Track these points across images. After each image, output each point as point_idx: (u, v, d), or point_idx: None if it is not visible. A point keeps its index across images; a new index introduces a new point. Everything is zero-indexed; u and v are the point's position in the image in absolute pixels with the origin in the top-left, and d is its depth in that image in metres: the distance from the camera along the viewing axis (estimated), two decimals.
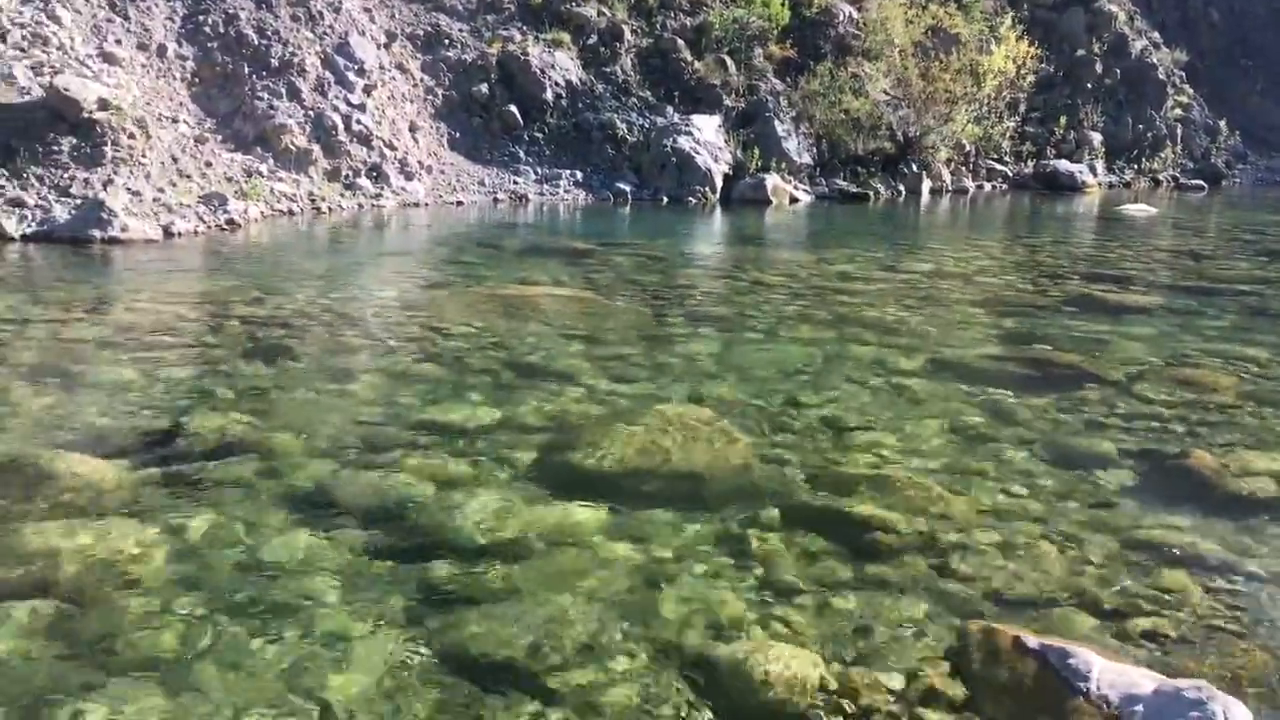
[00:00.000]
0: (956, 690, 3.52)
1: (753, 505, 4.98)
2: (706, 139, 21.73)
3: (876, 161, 24.07)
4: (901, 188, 23.95)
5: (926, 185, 24.34)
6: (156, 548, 4.29)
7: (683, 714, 3.31)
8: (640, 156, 21.59)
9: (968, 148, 26.17)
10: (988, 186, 26.50)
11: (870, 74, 24.16)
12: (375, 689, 3.40)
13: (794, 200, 21.80)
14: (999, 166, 27.18)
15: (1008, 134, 27.10)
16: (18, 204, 13.47)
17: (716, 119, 22.36)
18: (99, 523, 4.48)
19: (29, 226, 13.00)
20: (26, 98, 14.52)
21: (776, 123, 22.76)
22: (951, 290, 11.52)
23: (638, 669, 3.54)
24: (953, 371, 7.62)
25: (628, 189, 20.93)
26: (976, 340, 8.90)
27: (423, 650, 3.64)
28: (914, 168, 24.37)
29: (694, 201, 20.68)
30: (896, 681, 3.55)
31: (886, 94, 24.21)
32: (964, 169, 26.24)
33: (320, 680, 3.43)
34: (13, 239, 12.68)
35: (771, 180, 21.54)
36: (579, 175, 21.11)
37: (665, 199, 20.69)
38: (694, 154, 21.31)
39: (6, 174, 13.83)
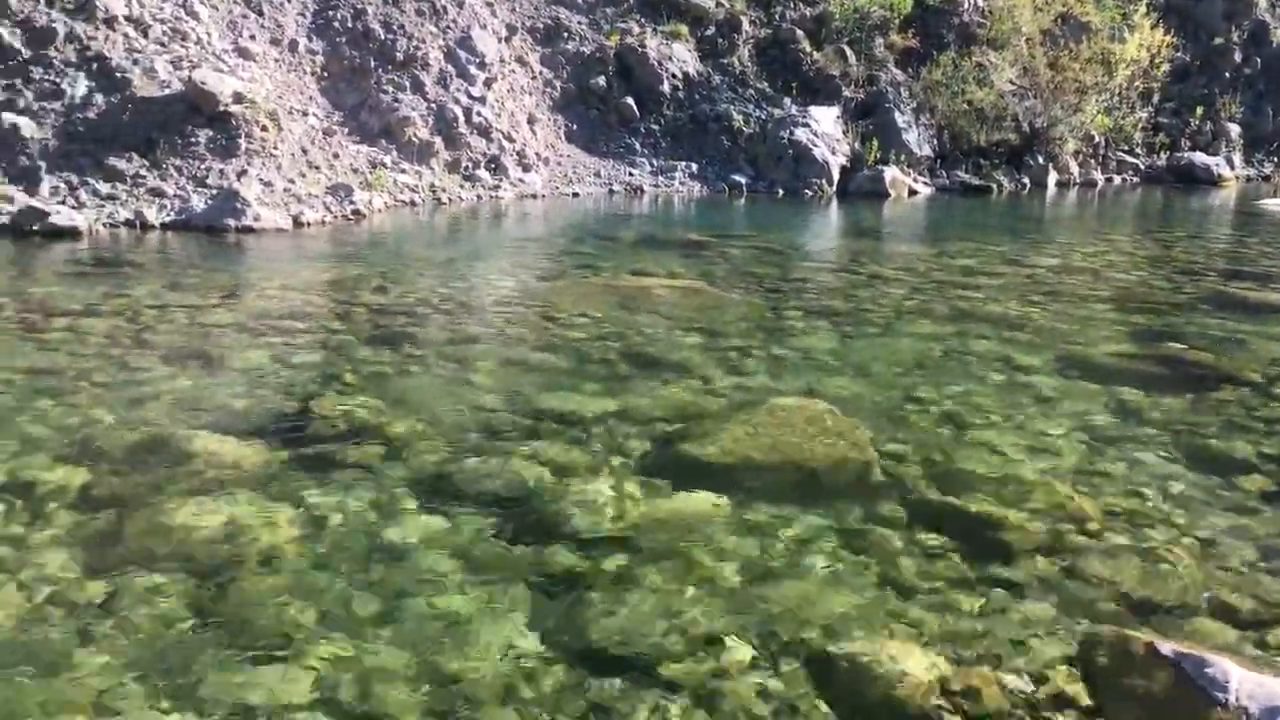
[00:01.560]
0: (1084, 696, 3.41)
1: (871, 501, 4.91)
2: (824, 130, 21.47)
3: (1000, 153, 23.45)
4: (1026, 180, 23.29)
5: (1053, 178, 23.63)
6: (288, 526, 4.44)
7: (800, 709, 3.28)
8: (756, 148, 21.45)
9: (1097, 139, 25.32)
10: (1117, 179, 25.58)
11: (996, 63, 23.52)
12: (494, 672, 3.45)
13: (913, 193, 21.40)
14: (1130, 159, 26.21)
15: (1140, 125, 26.11)
16: (158, 194, 14.07)
17: (835, 110, 22.07)
18: (234, 500, 4.65)
19: (168, 215, 13.58)
20: (166, 91, 15.13)
21: (897, 114, 22.35)
22: (1079, 285, 11.16)
23: (754, 662, 3.53)
24: (1080, 369, 7.39)
25: (743, 181, 20.81)
26: (1105, 337, 8.61)
27: (541, 636, 3.69)
28: (1040, 160, 23.67)
29: (810, 194, 20.46)
30: (1021, 684, 3.46)
31: (1012, 84, 23.54)
32: (1093, 161, 25.40)
33: (443, 661, 3.50)
34: (153, 227, 13.26)
35: (890, 172, 21.17)
36: (694, 167, 21.08)
37: (781, 191, 20.51)
38: (811, 146, 21.08)
39: (148, 165, 14.45)
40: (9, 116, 14.13)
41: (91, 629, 3.61)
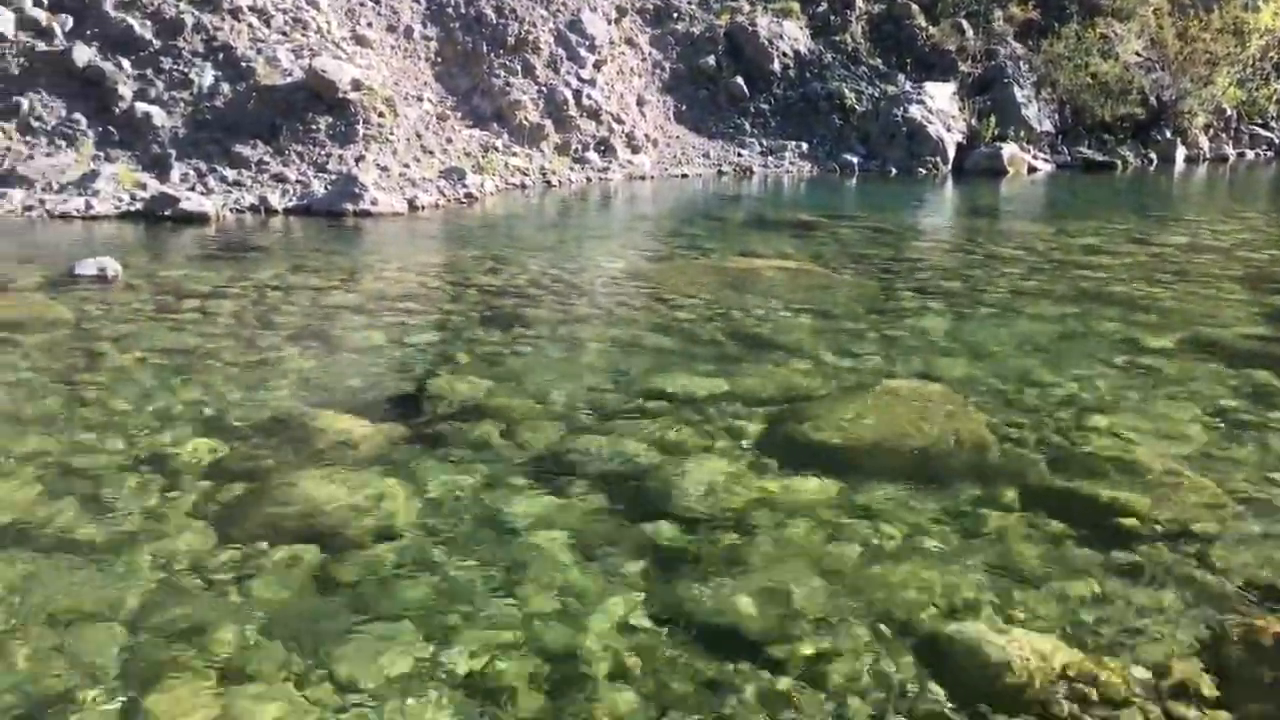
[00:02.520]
0: (1210, 686, 3.30)
1: (988, 485, 4.81)
2: (939, 107, 21.02)
3: (1125, 128, 22.65)
4: (1153, 155, 22.45)
5: (1181, 153, 22.73)
6: (406, 502, 4.56)
7: (912, 692, 3.25)
8: (868, 127, 21.12)
9: (1228, 112, 24.25)
10: (1251, 154, 24.47)
11: (1121, 35, 22.69)
12: (606, 647, 3.49)
13: (1032, 170, 20.83)
14: (1264, 133, 25.03)
15: (1275, 98, 24.90)
16: (280, 179, 14.53)
17: (950, 86, 21.58)
18: (355, 476, 4.80)
19: (290, 200, 14.00)
20: (289, 80, 15.58)
21: (1016, 88, 21.75)
22: (1209, 265, 10.73)
23: (866, 644, 3.50)
24: (1209, 351, 7.11)
25: (854, 160, 20.52)
26: (1237, 319, 8.26)
27: (651, 613, 3.72)
28: (1167, 134, 22.79)
29: (924, 172, 20.07)
30: (1143, 673, 3.36)
31: (1139, 55, 22.69)
32: (1224, 135, 24.34)
33: (556, 635, 3.56)
34: (276, 212, 13.69)
35: (1008, 149, 20.64)
36: (804, 147, 20.86)
37: (893, 170, 20.17)
38: (925, 123, 20.67)
39: (271, 151, 14.92)
40: (141, 106, 14.73)
41: (224, 598, 3.77)
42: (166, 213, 12.91)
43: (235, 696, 3.19)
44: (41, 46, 14.91)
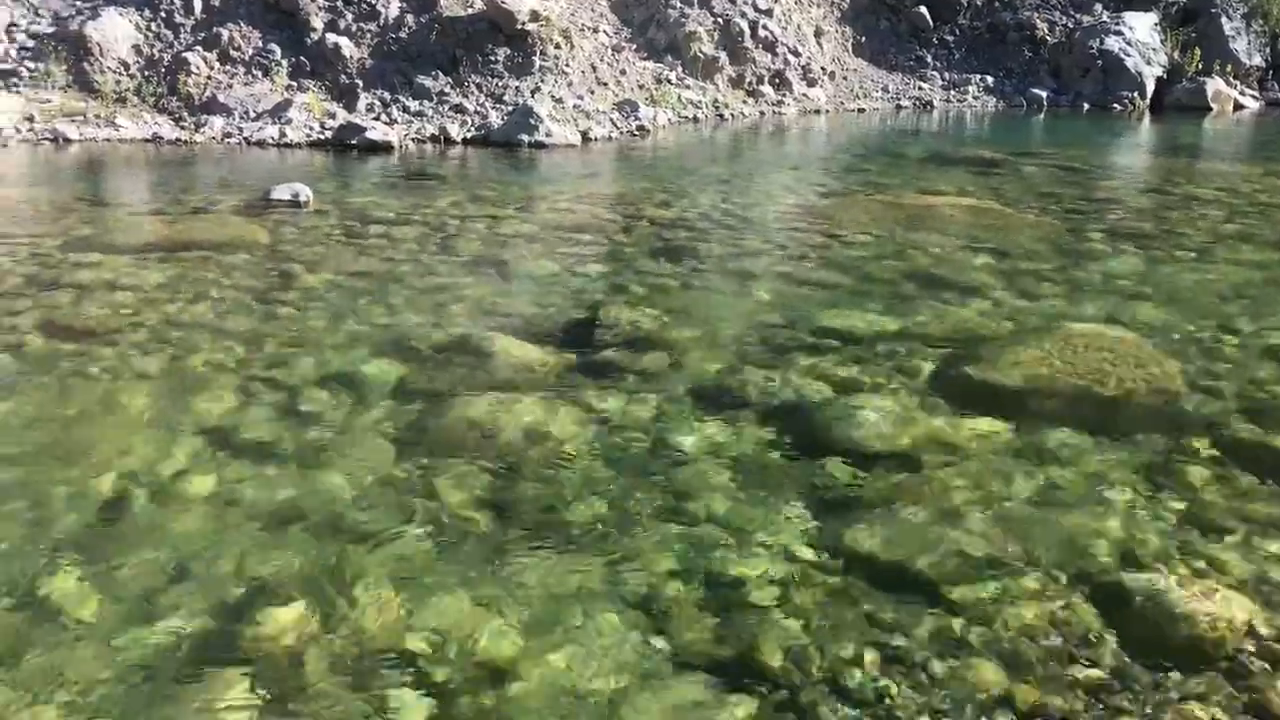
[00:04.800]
0: None
1: (1177, 434, 4.58)
2: (1138, 39, 19.80)
3: None
4: None
5: None
6: (578, 427, 4.66)
7: (1090, 639, 3.15)
8: (1060, 59, 20.08)
9: None
10: None
11: None
12: (771, 578, 3.51)
13: (1239, 107, 19.45)
14: None
15: None
16: (460, 110, 14.86)
17: (1152, 17, 20.27)
18: (530, 399, 4.93)
19: (469, 131, 14.33)
20: (470, 10, 15.85)
21: (1224, 20, 20.26)
22: None
23: (1041, 589, 3.41)
24: None
25: (1043, 94, 19.58)
26: None
27: (818, 546, 3.71)
28: None
29: (1119, 108, 19.01)
30: None
31: None
32: None
33: (721, 563, 3.60)
34: (455, 143, 14.04)
35: (1213, 85, 19.32)
36: (989, 80, 20.02)
37: (1086, 105, 19.18)
38: (1123, 55, 19.51)
39: (451, 82, 15.26)
40: (331, 37, 15.26)
41: (406, 510, 3.95)
42: (353, 141, 13.40)
43: (415, 604, 3.34)
44: None
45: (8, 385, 5.09)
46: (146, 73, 14.73)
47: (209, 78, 14.74)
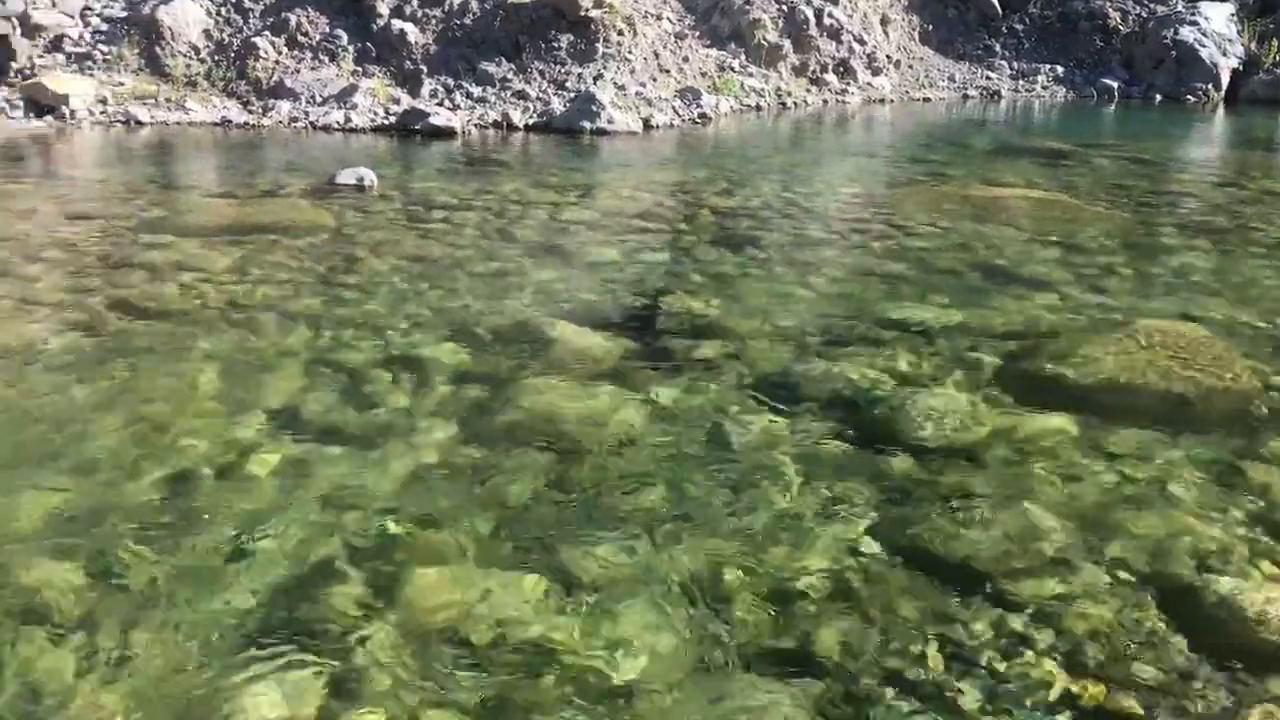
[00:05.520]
0: None
1: (1252, 435, 4.47)
2: (1214, 29, 19.30)
3: None
4: None
5: None
6: (638, 415, 4.66)
7: (1156, 640, 3.09)
8: (1132, 49, 19.65)
9: None
10: None
11: None
12: (832, 570, 3.48)
13: None
14: None
15: None
16: (522, 96, 14.91)
17: (1228, 7, 19.75)
18: (590, 387, 4.94)
19: (531, 117, 14.37)
20: None
21: None
22: None
23: (1107, 588, 3.35)
24: None
25: (1114, 85, 19.18)
26: None
27: (878, 539, 3.67)
28: None
29: (1192, 100, 18.56)
30: None
31: None
32: None
33: (781, 555, 3.57)
34: (517, 128, 14.09)
35: None
36: (1059, 70, 19.65)
37: (1158, 97, 18.74)
38: (1198, 46, 19.03)
39: (514, 69, 15.31)
40: (397, 23, 15.38)
41: (467, 492, 3.98)
42: (417, 127, 13.51)
43: (473, 587, 3.37)
44: None
45: (80, 363, 5.20)
46: (216, 57, 14.97)
47: (277, 62, 14.94)
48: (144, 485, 3.96)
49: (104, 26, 15.01)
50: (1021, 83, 19.40)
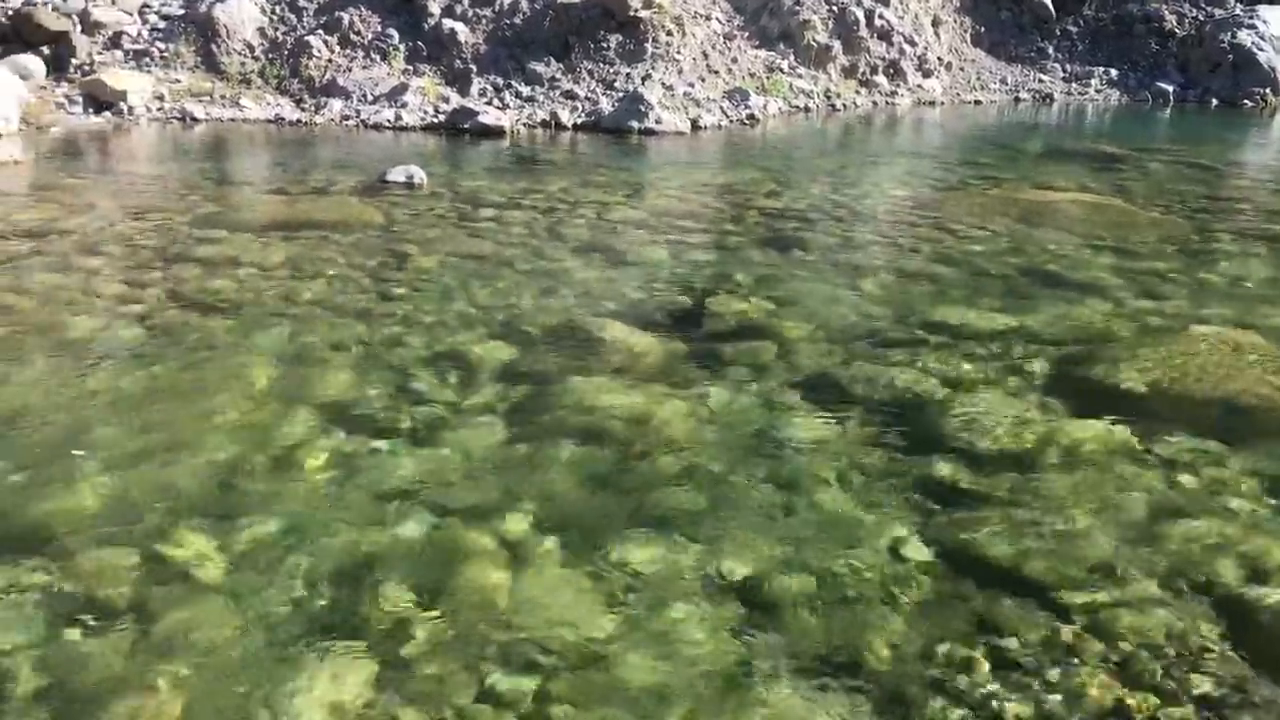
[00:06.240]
0: None
1: None
2: (1273, 33, 18.96)
3: None
4: None
5: None
6: (684, 414, 4.66)
7: (1209, 651, 3.04)
8: (1189, 53, 19.34)
9: None
10: None
11: None
12: (878, 575, 3.46)
13: None
14: None
15: None
16: (571, 96, 14.96)
17: None
18: (637, 385, 4.95)
19: (579, 117, 14.41)
20: None
21: None
22: None
23: (1159, 598, 3.30)
24: None
25: (1170, 89, 18.89)
26: None
27: (926, 545, 3.65)
28: None
29: (1249, 104, 18.24)
30: None
31: None
32: None
33: (826, 557, 3.56)
34: (566, 128, 14.14)
35: None
36: (1113, 73, 19.39)
37: (1214, 101, 18.42)
38: (1256, 50, 18.70)
39: (563, 69, 15.36)
40: (448, 23, 15.50)
41: (513, 490, 4.00)
42: (466, 125, 13.60)
43: (519, 583, 3.39)
44: None
45: (137, 354, 5.30)
46: (270, 55, 15.16)
47: (329, 61, 15.10)
48: (198, 475, 4.02)
49: (161, 24, 15.26)
50: (1075, 86, 19.16)
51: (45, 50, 14.24)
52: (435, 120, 13.99)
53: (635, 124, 13.86)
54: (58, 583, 3.31)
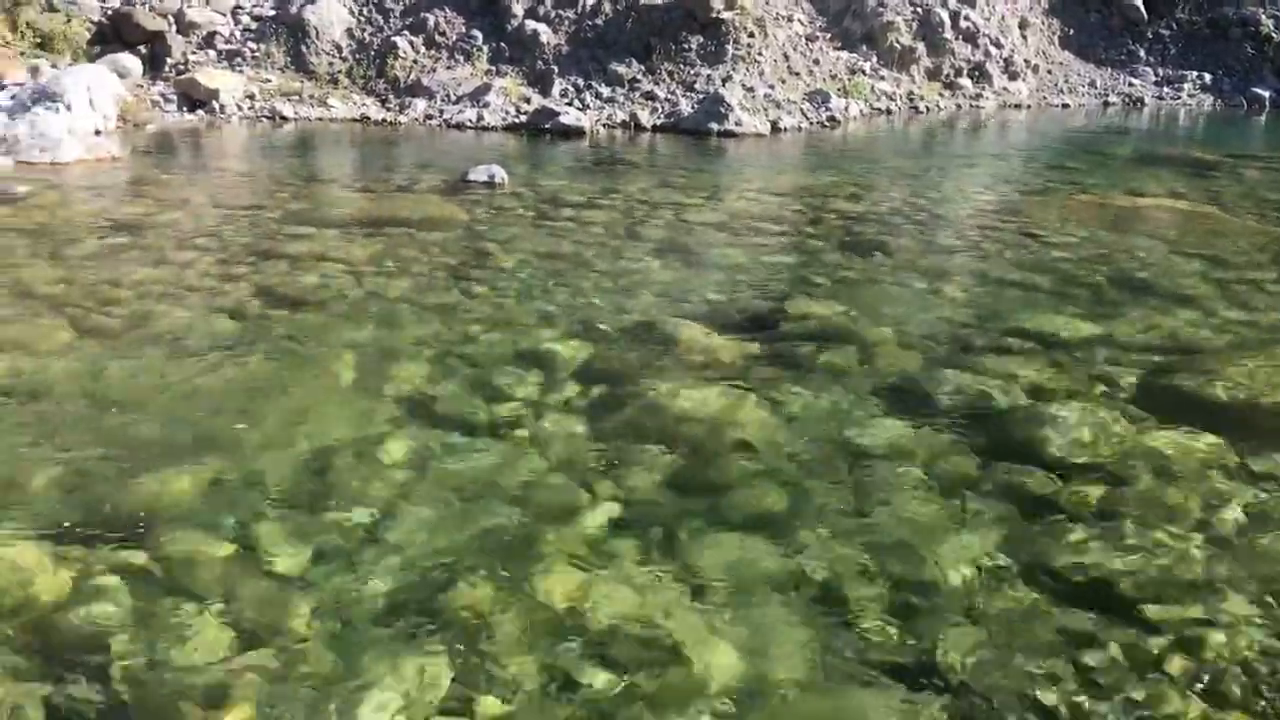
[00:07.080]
0: None
1: None
2: None
3: None
4: None
5: None
6: (762, 417, 4.65)
7: None
8: None
9: None
10: None
11: None
12: (958, 585, 3.42)
13: None
14: None
15: None
16: (651, 97, 15.00)
17: None
18: (715, 387, 4.95)
19: (659, 118, 14.45)
20: None
21: None
22: None
23: (1251, 616, 3.21)
24: None
25: (1267, 95, 18.33)
26: None
27: (1007, 555, 3.59)
28: None
29: None
30: None
31: None
32: None
33: (905, 565, 3.52)
34: (645, 129, 14.18)
35: None
36: (1207, 78, 18.87)
37: None
38: None
39: (644, 70, 15.40)
40: (530, 24, 15.64)
41: (591, 488, 4.02)
42: (546, 126, 13.71)
43: (597, 580, 3.41)
44: None
45: (228, 348, 5.43)
46: (357, 55, 15.44)
47: (415, 62, 15.33)
48: (285, 467, 4.11)
49: (253, 25, 15.62)
50: (1166, 90, 18.69)
51: (142, 50, 14.68)
52: (516, 120, 14.13)
53: (715, 125, 13.84)
54: (152, 566, 3.41)
